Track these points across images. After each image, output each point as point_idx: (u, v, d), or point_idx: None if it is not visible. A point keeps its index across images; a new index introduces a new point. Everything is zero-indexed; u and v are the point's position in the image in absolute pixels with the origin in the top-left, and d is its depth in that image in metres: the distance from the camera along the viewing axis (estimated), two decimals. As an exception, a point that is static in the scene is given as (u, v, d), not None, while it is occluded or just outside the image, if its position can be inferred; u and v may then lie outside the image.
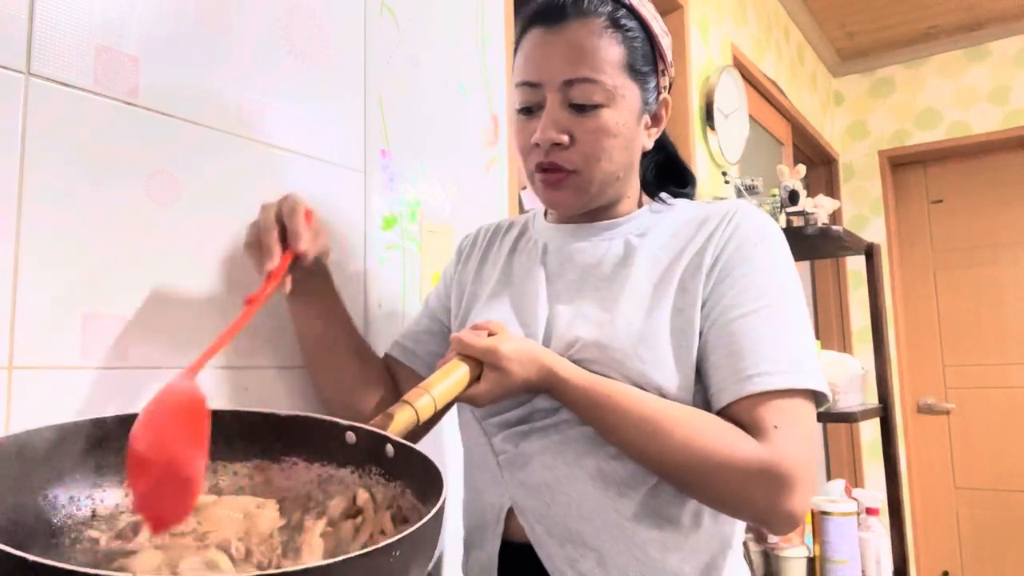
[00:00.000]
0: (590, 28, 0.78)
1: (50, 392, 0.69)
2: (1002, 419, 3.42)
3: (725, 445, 0.70)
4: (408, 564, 0.47)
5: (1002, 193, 3.52)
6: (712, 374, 0.75)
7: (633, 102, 0.80)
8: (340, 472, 0.67)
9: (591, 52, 0.77)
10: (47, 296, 0.70)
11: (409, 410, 0.67)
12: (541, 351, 0.75)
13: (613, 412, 0.73)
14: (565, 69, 0.77)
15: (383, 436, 0.65)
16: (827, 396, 0.75)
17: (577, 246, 0.87)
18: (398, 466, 0.64)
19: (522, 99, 0.81)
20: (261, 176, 0.91)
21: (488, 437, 0.84)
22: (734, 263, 0.77)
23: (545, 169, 0.81)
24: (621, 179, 0.83)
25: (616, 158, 0.80)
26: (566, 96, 0.78)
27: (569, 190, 0.81)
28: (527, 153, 0.82)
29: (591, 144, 0.79)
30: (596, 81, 0.77)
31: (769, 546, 1.62)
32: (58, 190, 0.71)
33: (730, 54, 2.56)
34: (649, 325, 0.76)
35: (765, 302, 0.75)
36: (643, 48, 0.81)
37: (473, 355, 0.73)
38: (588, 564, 0.76)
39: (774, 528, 0.72)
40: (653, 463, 0.73)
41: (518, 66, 0.82)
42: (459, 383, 0.72)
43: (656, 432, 0.71)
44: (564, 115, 0.78)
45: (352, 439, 0.67)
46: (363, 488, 0.65)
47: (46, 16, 0.71)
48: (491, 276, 0.93)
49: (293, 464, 0.69)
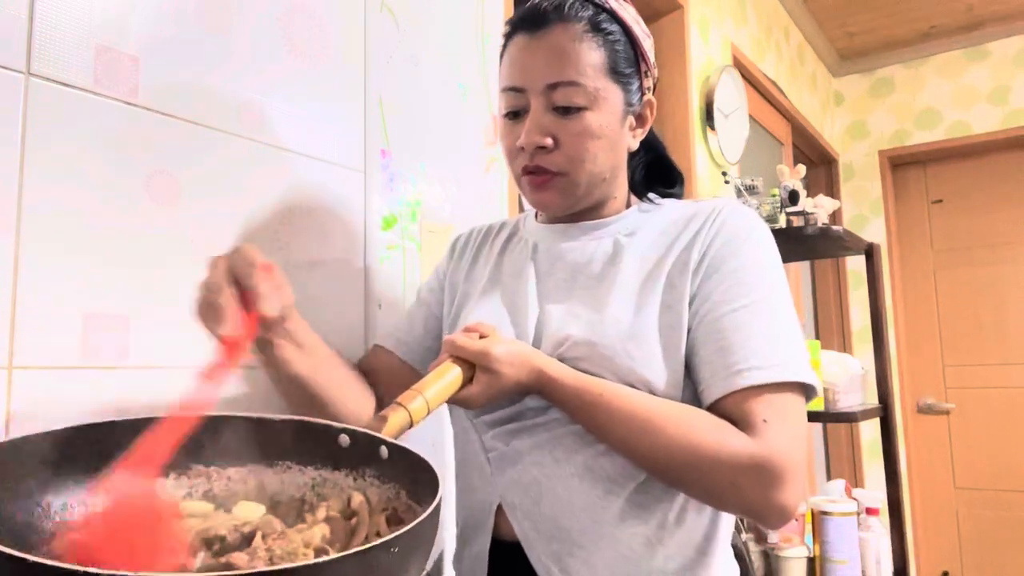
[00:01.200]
0: (571, 33, 0.79)
1: (50, 392, 0.69)
2: (1002, 419, 3.41)
3: (715, 440, 0.70)
4: (407, 560, 0.47)
5: (1002, 193, 3.52)
6: (701, 369, 0.76)
7: (616, 104, 0.81)
8: (334, 475, 0.67)
9: (573, 56, 0.78)
10: (47, 296, 0.70)
11: (403, 412, 0.68)
12: (532, 353, 0.75)
13: (603, 411, 0.73)
14: (548, 73, 0.79)
15: (377, 438, 0.65)
16: (815, 389, 0.76)
17: (566, 245, 0.88)
18: (392, 468, 0.64)
19: (507, 104, 0.83)
20: (261, 176, 0.91)
21: (479, 435, 0.85)
22: (722, 259, 0.78)
23: (531, 172, 0.82)
24: (607, 180, 0.84)
25: (600, 159, 0.82)
26: (549, 100, 0.79)
27: (555, 192, 0.82)
28: (513, 157, 0.84)
29: (575, 147, 0.80)
30: (578, 84, 0.78)
31: (769, 546, 1.62)
32: (58, 190, 0.71)
33: (730, 54, 2.56)
34: (638, 322, 0.77)
35: (753, 297, 0.76)
36: (625, 51, 0.82)
37: (466, 357, 0.74)
38: (575, 561, 0.77)
39: (767, 522, 0.73)
40: (644, 460, 0.74)
41: (503, 72, 0.84)
42: (452, 385, 0.73)
43: (646, 429, 0.72)
44: (548, 119, 0.80)
45: (346, 442, 0.67)
46: (357, 491, 0.65)
47: (46, 16, 0.71)
48: (482, 276, 0.94)
49: (287, 468, 0.69)
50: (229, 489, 0.67)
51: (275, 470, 0.69)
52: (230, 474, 0.68)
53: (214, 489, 0.67)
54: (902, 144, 3.68)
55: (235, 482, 0.68)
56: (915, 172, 3.74)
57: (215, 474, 0.67)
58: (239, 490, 0.67)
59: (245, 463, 0.68)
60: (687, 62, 2.24)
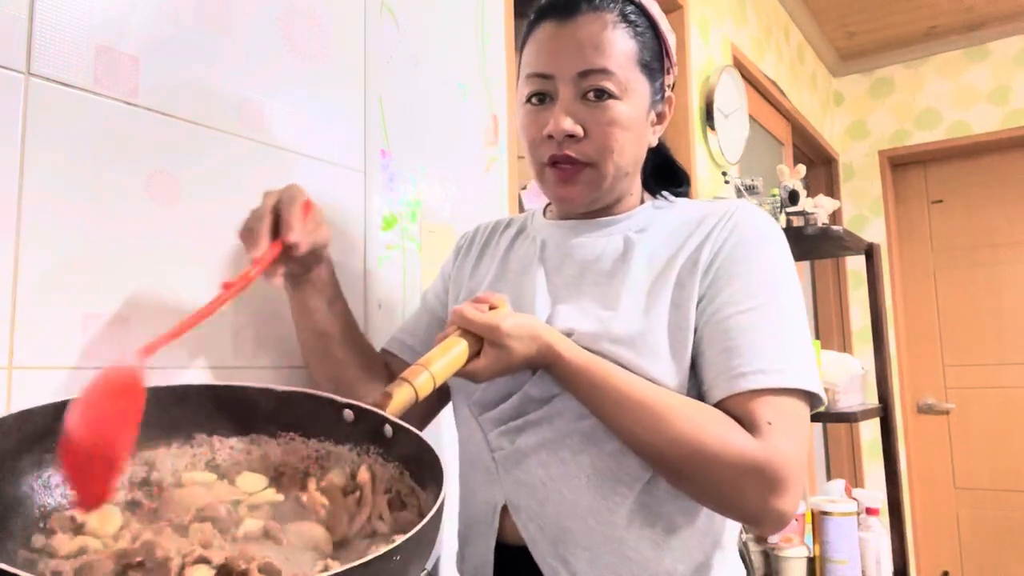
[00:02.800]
0: (603, 21, 0.78)
1: (50, 392, 0.69)
2: (1002, 419, 3.41)
3: (719, 437, 0.69)
4: (407, 566, 0.47)
5: (1002, 193, 3.52)
6: (706, 370, 0.75)
7: (643, 97, 0.81)
8: (338, 448, 0.67)
9: (605, 44, 0.78)
10: (47, 296, 0.70)
11: (408, 388, 0.67)
12: (542, 327, 0.74)
13: (611, 394, 0.72)
14: (580, 61, 0.78)
15: (382, 416, 0.65)
16: (822, 399, 0.75)
17: (576, 241, 0.87)
18: (396, 447, 0.64)
19: (533, 88, 0.81)
20: (261, 176, 0.91)
21: (484, 433, 0.84)
22: (732, 260, 0.77)
23: (557, 162, 0.80)
24: (630, 175, 0.84)
25: (628, 152, 0.80)
26: (579, 88, 0.78)
27: (582, 184, 0.81)
28: (537, 146, 0.81)
29: (605, 137, 0.78)
30: (610, 72, 0.78)
31: (769, 546, 1.62)
32: (58, 190, 0.71)
33: (730, 54, 2.56)
34: (646, 321, 0.76)
35: (762, 300, 0.75)
36: (652, 45, 0.82)
37: (474, 331, 0.72)
38: (580, 563, 0.76)
39: (763, 527, 0.72)
40: (647, 448, 0.72)
41: (529, 58, 0.82)
42: (458, 359, 0.71)
43: (653, 418, 0.71)
44: (578, 107, 0.79)
45: (350, 417, 0.67)
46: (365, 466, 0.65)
47: (46, 16, 0.71)
48: (487, 272, 0.93)
49: (290, 439, 0.69)
50: (232, 459, 0.67)
51: (278, 441, 0.69)
52: (232, 443, 0.67)
53: (217, 459, 0.67)
54: (902, 144, 3.68)
55: (238, 451, 0.67)
56: (915, 172, 3.74)
57: (218, 443, 0.67)
58: (242, 460, 0.67)
59: (248, 433, 0.68)
60: (687, 62, 2.24)
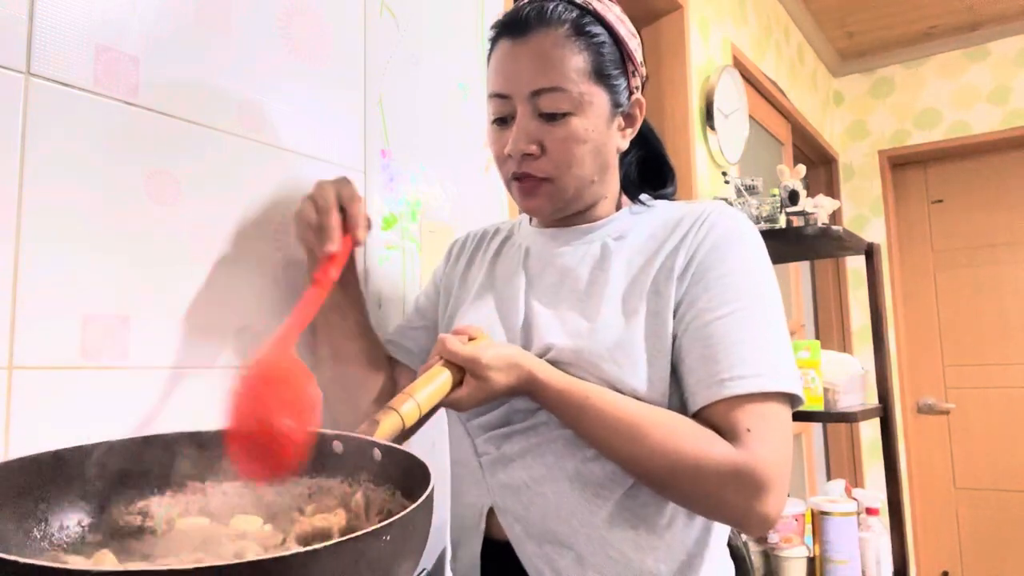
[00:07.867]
0: (554, 38, 0.79)
1: (50, 392, 0.69)
2: (1002, 419, 3.41)
3: (698, 448, 0.71)
4: (399, 551, 0.47)
5: (1002, 193, 3.52)
6: (687, 377, 0.76)
7: (601, 107, 0.81)
8: (330, 483, 0.67)
9: (556, 61, 0.78)
10: (47, 296, 0.70)
11: (395, 416, 0.68)
12: (521, 356, 0.75)
13: (589, 415, 0.74)
14: (532, 80, 0.79)
15: (370, 442, 0.65)
16: (801, 398, 0.76)
17: (557, 250, 0.88)
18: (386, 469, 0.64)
19: (494, 110, 0.83)
20: (261, 176, 0.91)
21: (472, 439, 0.86)
22: (708, 265, 0.77)
23: (519, 178, 0.82)
24: (596, 182, 0.84)
25: (588, 163, 0.81)
26: (535, 106, 0.79)
27: (544, 197, 0.83)
28: (501, 163, 0.84)
29: (561, 152, 0.80)
30: (562, 90, 0.78)
31: (769, 546, 1.62)
32: (58, 190, 0.71)
33: (730, 54, 2.56)
34: (626, 332, 0.77)
35: (740, 304, 0.75)
36: (610, 52, 0.81)
37: (456, 362, 0.74)
38: (565, 563, 0.77)
39: (748, 530, 0.73)
40: (628, 464, 0.74)
41: (489, 78, 0.84)
42: (442, 388, 0.73)
43: (631, 435, 0.72)
44: (534, 125, 0.80)
45: (339, 448, 0.67)
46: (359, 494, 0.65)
47: (46, 16, 0.71)
48: (476, 279, 0.95)
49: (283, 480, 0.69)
50: (225, 503, 0.67)
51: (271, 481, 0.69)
52: (225, 488, 0.67)
53: (210, 505, 0.66)
54: (902, 144, 3.68)
55: (231, 496, 0.67)
56: (915, 172, 3.74)
57: (210, 489, 0.67)
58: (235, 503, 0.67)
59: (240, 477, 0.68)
60: (687, 62, 2.24)
